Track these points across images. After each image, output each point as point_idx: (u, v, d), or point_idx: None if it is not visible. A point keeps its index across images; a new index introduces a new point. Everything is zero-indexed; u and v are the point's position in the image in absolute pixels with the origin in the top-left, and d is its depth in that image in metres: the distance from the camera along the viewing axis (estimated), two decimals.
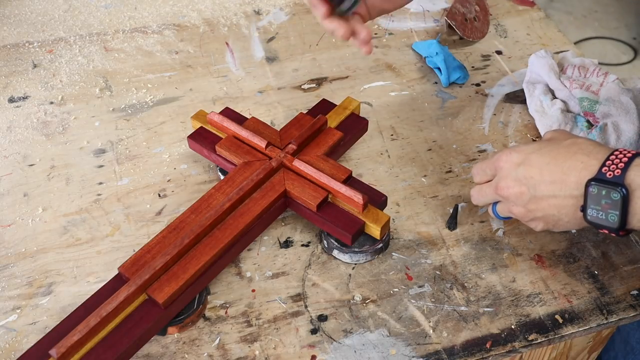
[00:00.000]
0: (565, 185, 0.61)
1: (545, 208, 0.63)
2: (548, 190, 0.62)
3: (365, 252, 0.73)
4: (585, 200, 0.59)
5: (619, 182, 0.56)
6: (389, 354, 0.66)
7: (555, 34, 1.09)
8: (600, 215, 0.58)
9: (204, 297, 0.70)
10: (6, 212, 0.79)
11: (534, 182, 0.62)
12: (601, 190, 0.57)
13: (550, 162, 0.62)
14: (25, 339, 0.67)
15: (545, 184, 0.62)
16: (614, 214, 0.57)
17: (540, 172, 0.62)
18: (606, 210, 0.58)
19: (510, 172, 0.64)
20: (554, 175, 0.61)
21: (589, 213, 0.59)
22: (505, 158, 0.65)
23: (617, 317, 0.70)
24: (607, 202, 0.57)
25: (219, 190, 0.74)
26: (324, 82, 0.98)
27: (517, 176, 0.64)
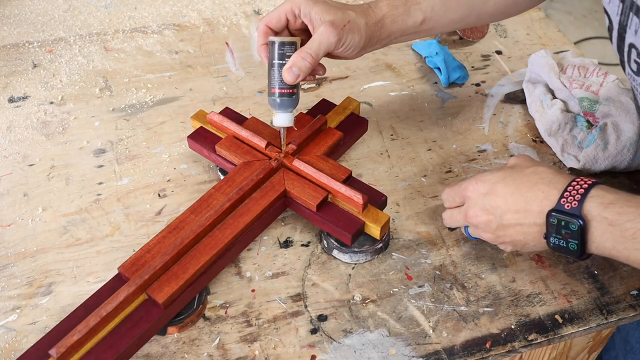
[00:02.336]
0: (528, 214, 0.63)
1: (512, 234, 0.66)
2: (513, 218, 0.64)
3: (365, 252, 0.73)
4: (547, 229, 0.62)
5: (576, 214, 0.60)
6: (388, 354, 0.66)
7: (555, 34, 1.09)
8: (561, 243, 0.62)
9: (203, 297, 0.70)
10: (6, 212, 0.79)
11: (500, 212, 0.65)
12: (561, 221, 0.60)
13: (515, 191, 0.64)
14: (25, 339, 0.67)
15: (511, 212, 0.64)
16: (573, 242, 0.61)
17: (505, 201, 0.65)
18: (566, 239, 0.61)
19: (477, 202, 0.67)
20: (518, 205, 0.64)
21: (551, 241, 0.63)
22: (472, 188, 0.68)
23: (617, 317, 0.70)
24: (567, 232, 0.60)
25: (218, 190, 0.74)
26: (324, 82, 0.98)
27: (484, 205, 0.66)
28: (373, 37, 0.74)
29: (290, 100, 0.72)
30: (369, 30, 0.73)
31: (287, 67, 0.69)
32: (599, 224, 0.59)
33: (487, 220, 0.67)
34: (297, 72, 0.69)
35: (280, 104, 0.72)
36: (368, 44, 0.75)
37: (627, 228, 0.58)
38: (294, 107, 0.74)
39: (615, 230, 0.59)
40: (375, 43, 0.76)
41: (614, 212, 0.59)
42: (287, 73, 0.70)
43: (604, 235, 0.59)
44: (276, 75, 0.71)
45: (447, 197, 0.72)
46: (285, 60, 0.70)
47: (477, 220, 0.68)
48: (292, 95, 0.72)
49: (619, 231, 0.58)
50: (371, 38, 0.74)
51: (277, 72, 0.71)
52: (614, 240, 0.59)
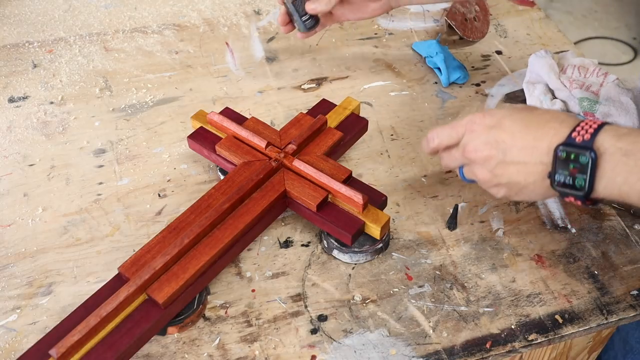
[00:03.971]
0: (536, 152, 0.60)
1: (512, 174, 0.62)
2: (518, 156, 0.61)
3: (365, 252, 0.73)
4: (553, 165, 0.59)
5: (588, 146, 0.56)
6: (389, 354, 0.66)
7: (555, 34, 1.09)
8: (567, 180, 0.58)
9: (204, 297, 0.70)
10: (6, 212, 0.79)
11: (505, 147, 0.62)
12: (570, 154, 0.57)
13: (523, 128, 0.61)
14: (25, 339, 0.67)
15: (517, 149, 0.61)
16: (581, 178, 0.57)
17: (512, 136, 0.61)
18: (574, 174, 0.57)
19: (480, 135, 0.63)
20: (526, 141, 0.61)
21: (556, 178, 0.59)
22: (478, 120, 0.64)
23: (617, 317, 0.70)
24: (576, 166, 0.57)
25: (219, 190, 0.74)
26: (324, 82, 0.98)
27: (488, 139, 0.63)
28: None
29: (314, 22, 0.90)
30: None
31: (310, 1, 0.86)
32: (612, 156, 0.56)
33: (487, 156, 0.63)
34: (316, 6, 0.85)
35: (310, 26, 0.90)
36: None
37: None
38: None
39: (629, 160, 0.55)
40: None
41: (629, 141, 0.56)
42: (310, 4, 0.86)
43: (617, 167, 0.56)
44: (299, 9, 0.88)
45: (442, 134, 0.68)
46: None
47: (476, 155, 0.64)
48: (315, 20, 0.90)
49: (633, 160, 0.55)
50: None
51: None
52: (627, 172, 0.55)
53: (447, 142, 0.68)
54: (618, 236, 0.77)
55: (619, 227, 0.78)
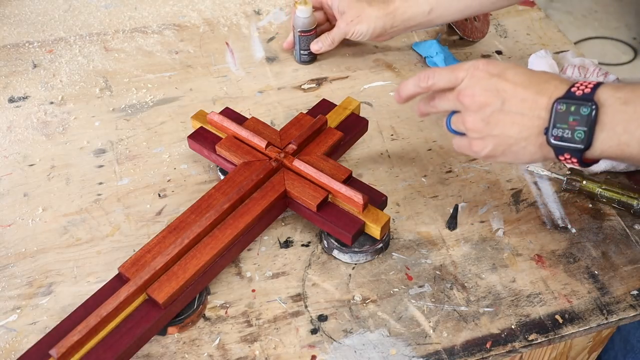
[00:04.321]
0: (535, 105, 0.60)
1: (507, 126, 0.61)
2: (517, 107, 0.60)
3: (365, 252, 0.73)
4: (551, 118, 0.58)
5: (589, 98, 0.56)
6: (389, 354, 0.66)
7: (555, 34, 1.09)
8: (566, 133, 0.57)
9: (204, 297, 0.70)
10: (6, 212, 0.79)
11: (505, 96, 0.61)
12: (570, 106, 0.57)
13: (525, 81, 0.61)
14: (25, 339, 0.67)
15: (517, 100, 0.60)
16: (581, 130, 0.57)
17: (514, 87, 0.61)
18: (573, 127, 0.57)
19: (481, 81, 0.62)
20: (527, 94, 0.60)
21: (553, 133, 0.58)
22: (482, 67, 0.63)
23: (617, 317, 0.70)
24: (576, 119, 0.57)
25: (219, 190, 0.74)
26: (324, 82, 0.98)
27: (489, 86, 0.62)
28: (385, 26, 0.93)
29: (312, 58, 1.01)
30: (380, 21, 0.92)
31: (315, 42, 0.98)
32: (611, 107, 0.56)
33: (484, 103, 0.62)
34: (320, 47, 0.98)
35: (304, 61, 1.01)
36: (381, 32, 0.94)
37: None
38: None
39: (628, 108, 0.55)
40: (389, 29, 0.94)
41: (627, 90, 0.56)
42: (314, 45, 0.98)
43: (616, 117, 0.56)
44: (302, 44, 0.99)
45: (438, 75, 0.66)
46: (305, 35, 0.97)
47: (473, 100, 0.62)
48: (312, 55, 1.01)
49: (632, 107, 0.55)
50: (384, 27, 0.93)
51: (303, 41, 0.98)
52: (626, 120, 0.55)
53: (444, 84, 0.66)
54: (618, 236, 0.77)
55: (619, 227, 0.78)
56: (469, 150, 0.66)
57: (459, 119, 0.65)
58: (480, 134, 0.63)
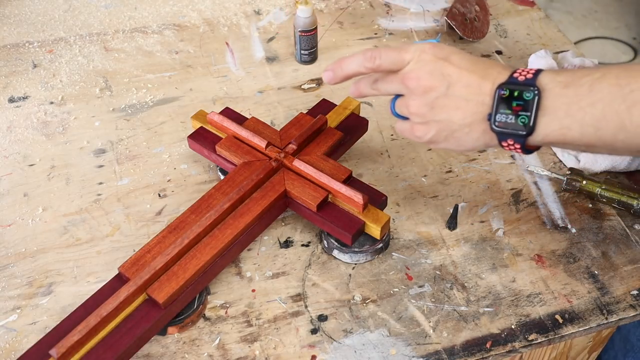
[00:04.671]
0: (480, 91, 0.59)
1: (451, 111, 0.60)
2: (462, 92, 0.59)
3: (365, 252, 0.73)
4: (495, 104, 0.58)
5: (531, 83, 0.56)
6: (389, 354, 0.66)
7: (555, 34, 1.09)
8: (509, 119, 0.57)
9: (204, 297, 0.70)
10: (6, 212, 0.79)
11: (450, 81, 0.60)
12: (513, 91, 0.57)
13: (470, 66, 0.60)
14: (25, 339, 0.67)
15: (461, 85, 0.59)
16: (524, 115, 0.57)
17: (459, 72, 0.60)
18: (517, 112, 0.57)
19: (426, 65, 0.61)
20: (472, 79, 0.59)
21: (497, 119, 0.58)
22: (429, 50, 0.61)
23: (617, 317, 0.70)
24: (519, 104, 0.57)
25: (219, 190, 0.74)
26: (324, 82, 0.98)
27: (434, 70, 0.60)
28: None
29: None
30: None
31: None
32: (552, 91, 0.56)
33: (429, 87, 0.60)
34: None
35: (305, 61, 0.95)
36: None
37: (582, 83, 0.55)
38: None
39: (568, 91, 0.55)
40: None
41: (567, 74, 0.56)
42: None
43: (558, 100, 0.56)
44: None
45: (385, 55, 0.63)
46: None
47: (418, 83, 0.61)
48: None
49: (573, 89, 0.55)
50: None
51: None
52: (567, 103, 0.55)
53: (389, 66, 0.63)
54: (618, 236, 0.77)
55: (619, 227, 0.78)
56: (411, 134, 0.64)
57: (403, 102, 0.64)
58: (424, 118, 0.62)
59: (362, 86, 0.68)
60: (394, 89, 0.64)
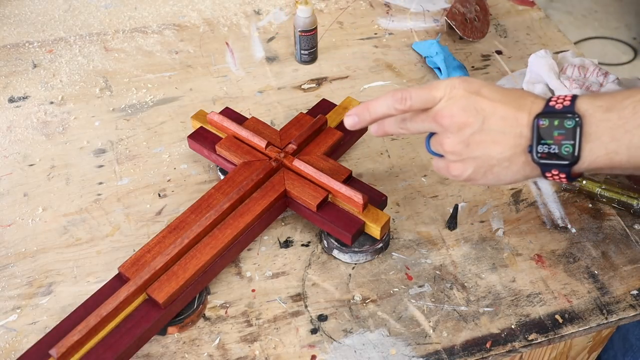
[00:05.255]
0: (516, 123, 0.57)
1: (488, 146, 0.58)
2: (498, 125, 0.57)
3: (365, 252, 0.73)
4: (535, 135, 0.56)
5: (571, 110, 0.55)
6: (389, 354, 0.66)
7: (555, 34, 1.09)
8: (552, 149, 0.56)
9: (204, 297, 0.70)
10: (6, 212, 0.79)
11: (485, 115, 0.57)
12: (553, 120, 0.55)
13: (503, 98, 0.58)
14: (25, 339, 0.67)
15: (497, 118, 0.57)
16: (568, 144, 0.55)
17: (492, 105, 0.57)
18: (559, 142, 0.55)
19: (459, 100, 0.58)
20: (507, 111, 0.57)
21: (539, 150, 0.56)
22: (458, 85, 0.59)
23: (617, 317, 0.70)
24: (561, 133, 0.55)
25: (219, 190, 0.74)
26: (324, 82, 0.98)
27: (467, 105, 0.58)
28: None
29: None
30: None
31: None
32: (593, 116, 0.54)
33: (464, 123, 0.58)
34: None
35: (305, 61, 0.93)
36: None
37: (625, 106, 0.53)
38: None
39: (611, 115, 0.54)
40: None
41: (606, 98, 0.55)
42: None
43: (601, 125, 0.54)
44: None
45: (416, 96, 0.60)
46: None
47: (452, 121, 0.58)
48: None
49: (616, 113, 0.54)
50: None
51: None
52: (611, 128, 0.54)
53: (420, 106, 0.60)
54: (618, 236, 0.77)
55: (619, 227, 0.78)
56: (448, 173, 0.62)
57: (437, 140, 0.61)
58: (460, 156, 0.60)
59: (389, 126, 0.65)
60: (426, 128, 0.62)
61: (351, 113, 0.64)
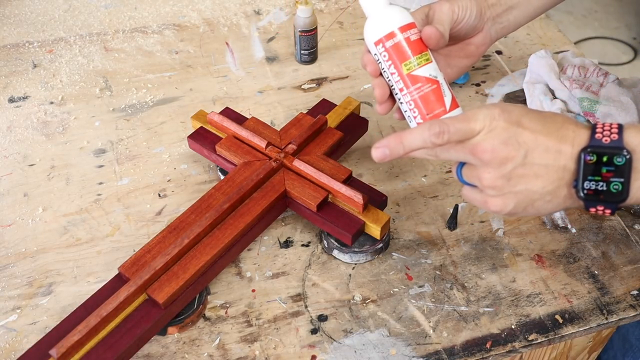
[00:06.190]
0: (560, 155, 0.54)
1: (530, 180, 0.55)
2: (541, 158, 0.54)
3: (365, 252, 0.73)
4: (582, 172, 0.53)
5: (620, 146, 0.52)
6: (389, 354, 0.66)
7: (555, 34, 1.09)
8: (600, 186, 0.53)
9: (204, 297, 0.70)
10: (6, 212, 0.79)
11: (527, 148, 0.54)
12: (602, 156, 0.52)
13: (543, 128, 0.55)
14: (25, 339, 0.67)
15: (539, 151, 0.54)
16: (617, 182, 0.52)
17: (534, 137, 0.54)
18: (608, 179, 0.52)
19: (501, 134, 0.54)
20: (549, 143, 0.54)
21: (585, 186, 0.53)
22: (499, 116, 0.55)
23: (617, 317, 0.70)
24: (610, 170, 0.52)
25: (219, 190, 0.74)
26: (324, 82, 0.98)
27: (509, 139, 0.54)
28: (483, 7, 0.69)
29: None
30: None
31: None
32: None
33: (506, 157, 0.54)
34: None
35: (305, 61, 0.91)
36: (478, 11, 0.69)
37: None
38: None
39: None
40: (488, 9, 0.70)
41: None
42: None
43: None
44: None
45: (453, 129, 0.55)
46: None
47: (493, 155, 0.55)
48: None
49: None
50: (481, 9, 0.69)
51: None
52: None
53: (459, 139, 0.56)
54: (618, 236, 0.77)
55: (619, 227, 0.78)
56: (485, 207, 0.59)
57: (474, 173, 0.57)
58: (501, 191, 0.56)
59: (418, 154, 0.61)
60: (460, 159, 0.58)
61: (381, 145, 0.59)
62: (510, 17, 0.73)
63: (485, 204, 0.58)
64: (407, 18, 0.64)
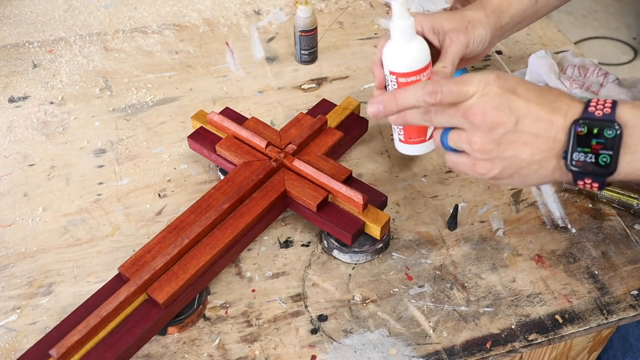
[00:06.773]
0: (551, 126, 0.55)
1: (519, 147, 0.56)
2: (532, 127, 0.55)
3: (365, 252, 0.73)
4: (571, 142, 0.54)
5: (612, 119, 0.52)
6: (389, 354, 0.66)
7: (555, 34, 1.09)
8: (588, 158, 0.53)
9: (204, 297, 0.70)
10: (6, 212, 0.79)
11: (519, 115, 0.55)
12: (592, 128, 0.53)
13: (538, 98, 0.55)
14: (25, 339, 0.67)
15: (531, 119, 0.55)
16: (606, 154, 0.53)
17: (527, 105, 0.55)
18: (597, 151, 0.53)
19: (493, 98, 0.55)
20: (542, 112, 0.55)
21: (574, 157, 0.54)
22: (494, 81, 0.56)
23: (617, 317, 0.70)
24: (599, 142, 0.53)
25: (219, 190, 0.74)
26: (324, 82, 0.98)
27: (501, 104, 0.55)
28: (496, 25, 0.74)
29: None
30: (491, 20, 0.73)
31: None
32: (634, 128, 0.52)
33: (496, 122, 0.55)
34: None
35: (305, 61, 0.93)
36: (494, 35, 0.75)
37: None
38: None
39: None
40: (499, 30, 0.75)
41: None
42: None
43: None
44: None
45: (447, 90, 0.57)
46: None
47: (483, 119, 0.55)
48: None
49: None
50: (494, 27, 0.74)
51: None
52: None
53: (452, 100, 0.57)
54: (618, 236, 0.77)
55: (619, 227, 0.78)
56: (473, 171, 0.60)
57: (462, 137, 0.58)
58: (489, 155, 0.57)
59: (411, 117, 0.62)
60: (452, 123, 0.59)
61: (376, 101, 0.61)
62: (515, 28, 0.78)
63: (473, 166, 0.59)
64: (425, 59, 0.66)
